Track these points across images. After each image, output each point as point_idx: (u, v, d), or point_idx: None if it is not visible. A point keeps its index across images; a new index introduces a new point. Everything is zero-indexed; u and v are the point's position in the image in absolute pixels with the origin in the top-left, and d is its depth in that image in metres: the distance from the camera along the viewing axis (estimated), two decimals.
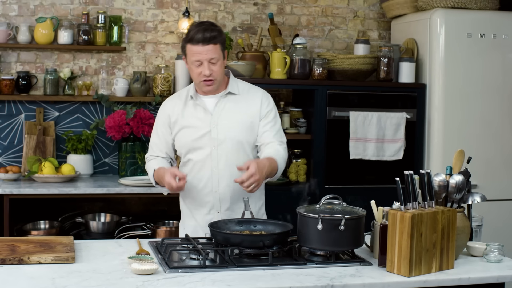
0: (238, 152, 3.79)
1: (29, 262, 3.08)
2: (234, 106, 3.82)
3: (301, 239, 3.29)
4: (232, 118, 3.80)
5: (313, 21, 6.38)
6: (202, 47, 3.64)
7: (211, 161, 3.79)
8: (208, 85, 3.73)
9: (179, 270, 3.05)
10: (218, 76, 3.72)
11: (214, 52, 3.66)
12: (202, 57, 3.65)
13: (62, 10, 5.91)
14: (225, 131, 3.78)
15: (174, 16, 6.09)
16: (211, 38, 3.65)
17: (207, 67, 3.67)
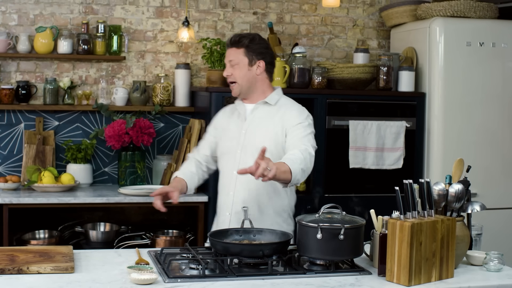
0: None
1: (28, 272, 3.07)
2: (266, 115, 3.95)
3: (301, 249, 3.29)
4: (261, 126, 3.93)
5: (313, 30, 6.38)
6: (228, 50, 3.97)
7: (233, 164, 3.93)
8: (231, 88, 3.99)
9: (179, 279, 3.04)
10: (238, 79, 3.93)
11: (234, 55, 3.91)
12: (226, 59, 3.98)
13: (62, 19, 5.92)
14: (251, 137, 3.91)
15: (173, 26, 6.10)
16: (234, 42, 3.92)
17: (227, 68, 3.95)
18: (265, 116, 3.95)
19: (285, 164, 3.53)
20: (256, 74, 3.93)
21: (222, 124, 4.12)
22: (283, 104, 3.98)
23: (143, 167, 5.88)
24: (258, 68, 3.92)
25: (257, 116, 3.96)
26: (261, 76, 3.95)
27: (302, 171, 3.61)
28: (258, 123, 3.94)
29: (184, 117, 6.12)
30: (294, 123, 3.86)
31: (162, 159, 5.95)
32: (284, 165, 3.52)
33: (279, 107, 3.96)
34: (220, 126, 4.13)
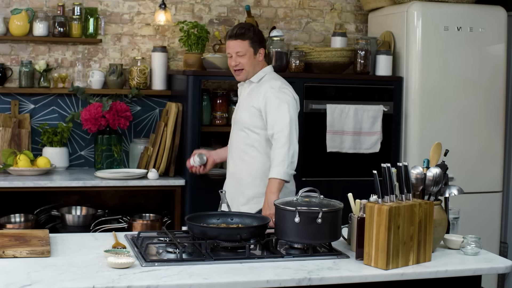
0: (240, 131, 4.47)
1: (4, 256, 3.05)
2: (250, 93, 4.49)
3: (279, 232, 3.29)
4: (244, 103, 4.49)
5: (290, 13, 6.36)
6: (231, 42, 4.41)
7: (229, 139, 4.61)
8: (237, 74, 4.48)
9: (156, 263, 3.03)
10: (246, 66, 4.41)
11: (240, 46, 4.38)
12: (231, 50, 4.41)
13: (38, 1, 5.86)
14: (238, 114, 4.53)
15: (150, 8, 6.06)
16: (239, 34, 4.38)
17: (234, 58, 4.41)
18: (248, 94, 4.48)
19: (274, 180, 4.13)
20: (258, 61, 4.45)
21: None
22: (264, 81, 4.46)
23: (120, 151, 5.85)
24: (260, 55, 4.44)
25: (244, 94, 4.54)
26: (262, 61, 4.47)
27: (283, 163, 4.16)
28: (243, 100, 4.52)
29: (161, 101, 6.09)
30: (263, 102, 4.36)
31: (139, 143, 5.93)
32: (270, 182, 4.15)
33: (260, 84, 4.45)
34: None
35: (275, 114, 4.28)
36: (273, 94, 4.33)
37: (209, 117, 5.78)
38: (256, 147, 4.40)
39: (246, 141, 4.44)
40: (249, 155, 4.43)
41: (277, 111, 4.28)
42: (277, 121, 4.26)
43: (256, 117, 4.38)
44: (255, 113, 4.38)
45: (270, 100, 4.32)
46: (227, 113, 5.80)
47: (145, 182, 5.47)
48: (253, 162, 4.42)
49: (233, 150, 4.53)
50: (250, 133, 4.41)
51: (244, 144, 4.44)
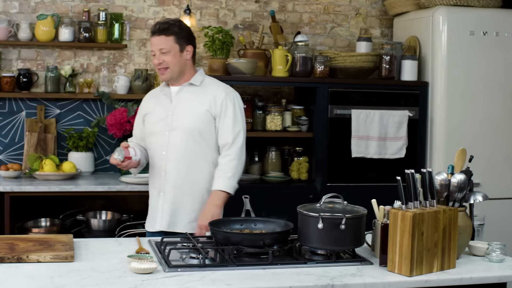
0: (187, 139, 4.03)
1: (28, 260, 3.06)
2: (192, 96, 4.10)
3: (302, 238, 3.27)
4: (187, 107, 4.07)
5: (315, 18, 6.35)
6: (154, 38, 4.03)
7: (162, 145, 4.08)
8: (162, 73, 4.07)
9: (179, 269, 3.03)
10: (170, 65, 4.03)
11: (164, 43, 4.00)
12: (154, 47, 4.04)
13: (63, 7, 5.89)
14: (178, 118, 4.06)
15: (175, 14, 6.07)
16: (162, 30, 4.01)
17: (157, 56, 4.02)
18: (191, 97, 4.10)
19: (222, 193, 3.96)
20: (186, 59, 4.08)
21: (146, 109, 4.22)
22: (208, 84, 4.15)
23: None
24: (187, 53, 4.08)
25: (183, 97, 4.10)
26: (189, 60, 4.11)
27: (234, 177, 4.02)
28: (185, 104, 4.09)
29: None
30: (218, 107, 4.06)
31: None
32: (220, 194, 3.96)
33: (204, 87, 4.13)
34: (144, 111, 4.23)
35: (229, 122, 4.04)
36: (230, 100, 4.07)
37: None
38: (206, 155, 4.05)
39: (195, 149, 4.04)
40: (198, 166, 4.05)
41: (232, 119, 4.05)
42: (231, 130, 4.04)
43: (210, 123, 4.04)
44: (208, 119, 4.04)
45: (226, 107, 4.05)
46: (252, 118, 5.79)
47: None
48: (203, 174, 4.06)
49: (175, 160, 4.05)
50: (201, 140, 4.04)
51: (190, 152, 4.03)
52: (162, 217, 4.06)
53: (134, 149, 4.05)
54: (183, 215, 4.05)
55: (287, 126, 5.81)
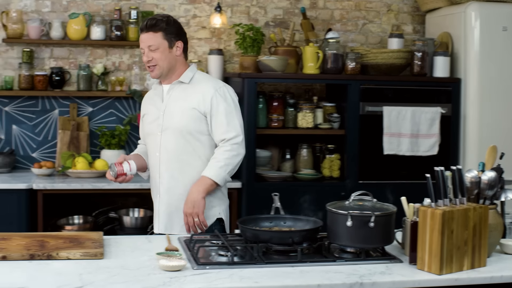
0: (178, 138, 3.90)
1: (58, 257, 3.08)
2: (181, 94, 3.95)
3: (331, 236, 3.26)
4: (176, 106, 3.93)
5: (347, 15, 6.33)
6: (143, 35, 3.90)
7: (155, 146, 3.97)
8: (150, 71, 3.93)
9: (207, 266, 3.03)
10: (159, 62, 3.88)
11: (153, 40, 3.85)
12: (142, 45, 3.90)
13: (95, 5, 5.93)
14: (169, 118, 3.92)
15: (206, 11, 6.08)
16: (150, 26, 3.86)
17: (146, 54, 3.88)
18: (180, 96, 3.94)
19: (209, 179, 3.81)
20: (176, 56, 3.92)
21: (143, 110, 4.13)
22: (197, 81, 3.97)
23: None
24: (177, 49, 3.92)
25: (173, 96, 3.95)
26: (180, 56, 3.95)
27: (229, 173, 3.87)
28: (175, 103, 3.94)
29: None
30: (208, 104, 3.88)
31: None
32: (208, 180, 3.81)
33: (193, 84, 3.95)
34: (143, 112, 4.13)
35: (223, 118, 3.87)
36: (220, 96, 3.89)
37: (265, 119, 5.76)
38: (200, 155, 3.90)
39: (186, 149, 3.89)
40: (191, 166, 3.90)
41: (225, 116, 3.88)
42: (226, 126, 3.87)
43: (200, 121, 3.88)
44: (198, 117, 3.88)
45: (217, 104, 3.87)
46: (284, 116, 5.79)
47: None
48: (198, 174, 3.87)
49: (167, 161, 3.93)
50: (192, 140, 3.89)
51: (184, 153, 3.90)
52: (159, 220, 3.98)
53: (129, 163, 3.91)
54: (179, 217, 3.90)
55: (319, 123, 5.79)
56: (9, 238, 3.32)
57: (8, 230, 3.61)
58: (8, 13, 5.74)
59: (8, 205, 5.22)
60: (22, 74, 5.77)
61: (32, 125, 5.91)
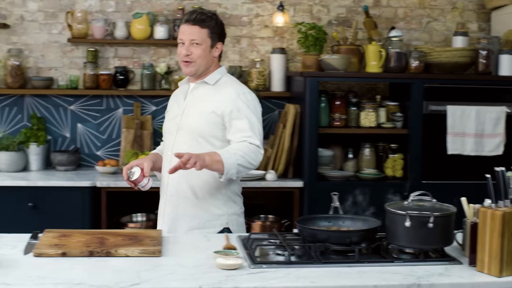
0: (191, 141, 3.74)
1: (116, 254, 3.11)
2: (202, 95, 3.80)
3: (389, 236, 3.23)
4: (196, 107, 3.78)
5: (410, 13, 6.26)
6: (187, 26, 3.71)
7: (169, 146, 3.83)
8: (185, 66, 3.76)
9: (264, 265, 3.03)
10: (197, 59, 3.72)
11: (197, 34, 3.70)
12: (185, 37, 3.72)
13: (158, 5, 5.98)
14: (186, 118, 3.78)
15: (269, 10, 6.08)
16: (198, 20, 3.70)
17: (187, 47, 3.71)
18: (202, 97, 3.79)
19: (218, 154, 3.53)
20: (213, 56, 3.80)
21: (168, 106, 4.01)
22: (222, 84, 3.80)
23: None
24: (216, 51, 3.80)
25: (195, 96, 3.81)
26: (216, 58, 3.82)
27: (240, 167, 3.58)
28: (195, 103, 3.79)
29: (279, 102, 6.11)
30: (228, 108, 3.69)
31: None
32: (217, 155, 3.52)
33: (217, 87, 3.79)
34: (167, 109, 4.02)
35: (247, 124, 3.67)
36: (242, 102, 3.71)
37: (327, 118, 5.74)
38: None
39: (197, 152, 3.55)
40: (201, 170, 3.55)
41: (248, 122, 3.67)
42: (252, 133, 3.66)
43: (216, 126, 3.72)
44: (215, 121, 3.71)
45: (238, 110, 3.68)
46: (346, 115, 5.76)
47: (264, 183, 5.50)
48: (207, 177, 3.71)
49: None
50: (205, 143, 3.72)
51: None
52: (164, 221, 3.88)
53: (149, 181, 3.74)
54: (184, 221, 3.80)
55: (382, 122, 5.75)
56: (69, 235, 3.36)
57: (72, 227, 3.65)
58: (73, 13, 5.83)
59: (72, 203, 5.31)
60: (87, 74, 5.86)
61: (97, 123, 6.00)
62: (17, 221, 5.25)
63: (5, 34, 5.96)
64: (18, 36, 5.98)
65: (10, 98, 5.98)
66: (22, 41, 5.98)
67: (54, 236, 3.33)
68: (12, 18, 5.96)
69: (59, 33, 5.99)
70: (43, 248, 3.13)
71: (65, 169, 5.78)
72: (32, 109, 5.98)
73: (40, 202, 5.34)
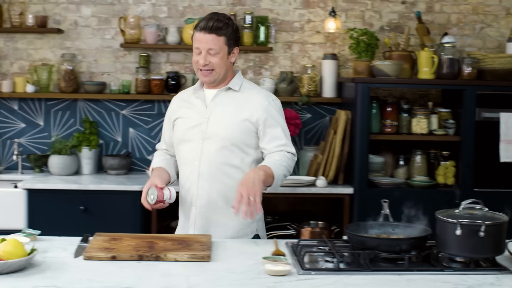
0: (223, 150, 3.65)
1: (165, 259, 3.12)
2: (231, 102, 3.70)
3: (440, 245, 3.20)
4: (225, 115, 3.67)
5: (464, 19, 6.20)
6: (203, 35, 3.58)
7: (195, 154, 3.69)
8: (204, 75, 3.64)
9: (312, 272, 3.01)
10: (216, 67, 3.61)
11: (215, 43, 3.57)
12: (201, 46, 3.59)
13: (210, 11, 5.97)
14: (214, 126, 3.66)
15: (320, 16, 6.07)
16: (215, 28, 3.57)
17: (204, 56, 3.59)
18: (229, 103, 3.69)
19: (269, 168, 3.50)
20: (231, 62, 3.69)
21: (177, 114, 3.81)
22: (247, 90, 3.72)
23: None
24: (233, 56, 3.69)
25: (221, 103, 3.69)
26: (232, 63, 3.72)
27: (284, 177, 3.59)
28: (222, 110, 3.68)
29: (331, 108, 6.09)
30: (262, 115, 3.64)
31: (309, 150, 5.96)
32: (268, 168, 3.49)
33: (243, 92, 3.70)
34: (175, 116, 3.83)
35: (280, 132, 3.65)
36: (274, 109, 3.68)
37: (379, 125, 5.71)
38: (243, 169, 3.64)
39: (230, 161, 3.63)
40: (233, 179, 3.63)
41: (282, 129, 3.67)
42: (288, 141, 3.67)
43: (249, 134, 3.66)
44: (249, 129, 3.65)
45: (272, 117, 3.65)
46: (397, 121, 5.72)
47: (314, 189, 5.49)
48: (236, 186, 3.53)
49: (209, 173, 3.66)
50: (238, 152, 3.65)
51: (225, 165, 3.65)
52: (195, 233, 3.73)
53: (170, 190, 3.63)
54: (218, 232, 3.69)
55: (434, 129, 5.70)
56: (119, 238, 3.39)
57: (122, 231, 3.68)
58: (126, 19, 5.88)
59: (123, 206, 5.36)
60: (139, 78, 5.90)
61: (148, 128, 6.04)
62: (68, 224, 5.31)
63: (59, 39, 6.05)
64: (71, 41, 6.06)
65: (63, 102, 6.06)
66: (76, 46, 6.06)
67: (104, 239, 3.36)
68: (66, 24, 6.04)
69: (112, 38, 6.06)
70: (93, 252, 3.15)
71: (116, 173, 5.83)
72: (85, 113, 6.05)
73: (91, 206, 5.39)
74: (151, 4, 6.00)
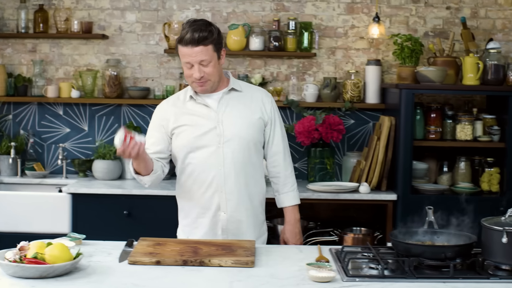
0: (244, 150, 3.71)
1: (210, 264, 3.14)
2: (238, 103, 3.76)
3: (485, 252, 3.17)
4: (239, 115, 3.73)
5: (509, 24, 6.14)
6: (191, 49, 3.56)
7: (216, 159, 3.70)
8: (200, 86, 3.65)
9: (357, 278, 3.01)
10: (211, 76, 3.63)
11: (204, 54, 3.56)
12: (192, 59, 3.57)
13: (254, 17, 6.02)
14: (231, 128, 3.69)
15: (364, 22, 6.06)
16: (201, 39, 3.54)
17: (198, 69, 3.58)
18: (237, 104, 3.75)
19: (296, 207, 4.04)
20: (221, 64, 3.71)
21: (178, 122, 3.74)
22: (247, 88, 3.84)
23: (333, 164, 5.88)
24: (222, 58, 3.70)
25: (229, 105, 3.74)
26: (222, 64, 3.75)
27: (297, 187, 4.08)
28: (233, 112, 3.73)
29: (374, 114, 6.07)
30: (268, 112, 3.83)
31: (352, 156, 5.94)
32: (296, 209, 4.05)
33: (245, 92, 3.80)
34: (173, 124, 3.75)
35: (279, 129, 3.87)
36: (274, 106, 3.87)
37: (422, 131, 5.67)
38: (260, 166, 3.83)
39: (251, 160, 3.75)
40: (253, 178, 3.79)
41: (280, 127, 3.88)
42: (282, 138, 3.88)
43: (261, 131, 3.79)
44: (261, 127, 3.79)
45: (275, 113, 3.84)
46: (441, 128, 5.68)
47: (357, 196, 5.47)
48: (261, 187, 3.88)
49: (236, 175, 3.72)
50: (254, 150, 3.76)
51: (248, 164, 3.74)
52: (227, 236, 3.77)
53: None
54: (250, 232, 3.81)
55: (478, 135, 5.64)
56: (164, 243, 3.41)
57: (166, 236, 3.69)
58: (170, 25, 5.92)
59: (166, 211, 5.36)
60: (183, 84, 5.93)
61: None
62: (112, 228, 5.35)
63: (104, 45, 6.10)
64: (116, 46, 6.11)
65: (107, 107, 6.11)
66: (120, 51, 6.11)
67: (148, 244, 3.38)
68: (111, 29, 6.09)
69: (156, 44, 6.10)
70: (137, 256, 3.18)
71: None
72: (129, 118, 6.09)
73: (135, 210, 5.43)
74: (195, 10, 6.03)
